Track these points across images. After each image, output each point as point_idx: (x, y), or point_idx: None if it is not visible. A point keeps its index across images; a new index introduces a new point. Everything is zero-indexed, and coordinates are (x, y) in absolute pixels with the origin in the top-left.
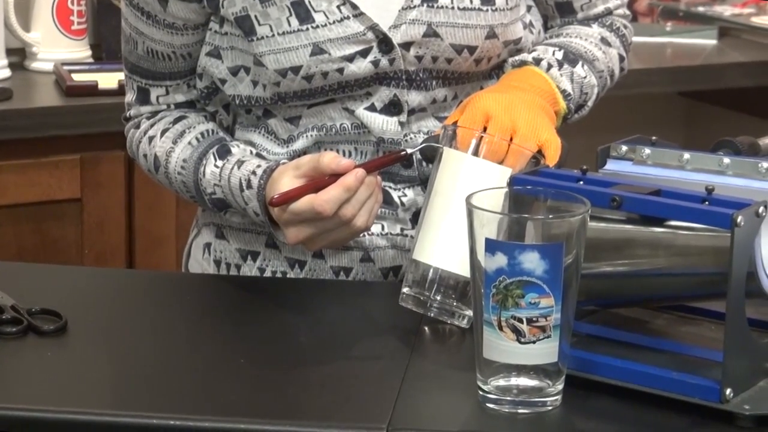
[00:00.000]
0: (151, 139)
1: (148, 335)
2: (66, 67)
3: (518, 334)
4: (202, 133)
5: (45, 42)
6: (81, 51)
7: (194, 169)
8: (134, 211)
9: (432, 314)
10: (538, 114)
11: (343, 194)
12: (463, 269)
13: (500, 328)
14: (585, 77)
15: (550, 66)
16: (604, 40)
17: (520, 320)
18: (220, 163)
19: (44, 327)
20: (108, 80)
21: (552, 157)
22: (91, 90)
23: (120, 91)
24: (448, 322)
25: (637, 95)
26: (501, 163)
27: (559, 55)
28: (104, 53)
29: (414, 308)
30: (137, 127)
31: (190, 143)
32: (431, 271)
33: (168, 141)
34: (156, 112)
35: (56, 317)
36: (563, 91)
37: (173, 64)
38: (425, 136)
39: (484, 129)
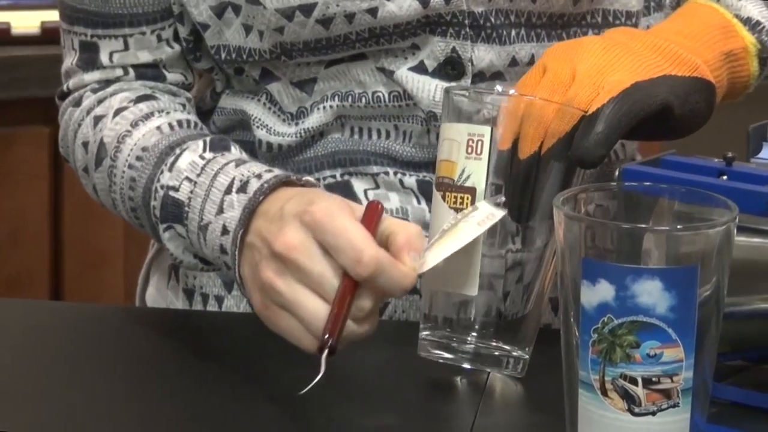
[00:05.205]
0: (97, 120)
1: (78, 395)
2: None
3: (631, 401)
4: (179, 121)
5: None
6: None
7: (158, 160)
8: (63, 215)
9: (468, 365)
10: (623, 54)
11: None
12: (488, 297)
13: (604, 392)
14: None
15: None
16: None
17: (634, 381)
18: (210, 155)
19: None
20: (25, 20)
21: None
22: (2, 36)
23: (43, 37)
24: (491, 372)
25: None
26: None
27: None
28: None
29: (438, 359)
30: (77, 104)
31: (159, 129)
32: (446, 300)
33: (125, 123)
34: (107, 82)
35: None
36: (747, 20)
37: None
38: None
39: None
